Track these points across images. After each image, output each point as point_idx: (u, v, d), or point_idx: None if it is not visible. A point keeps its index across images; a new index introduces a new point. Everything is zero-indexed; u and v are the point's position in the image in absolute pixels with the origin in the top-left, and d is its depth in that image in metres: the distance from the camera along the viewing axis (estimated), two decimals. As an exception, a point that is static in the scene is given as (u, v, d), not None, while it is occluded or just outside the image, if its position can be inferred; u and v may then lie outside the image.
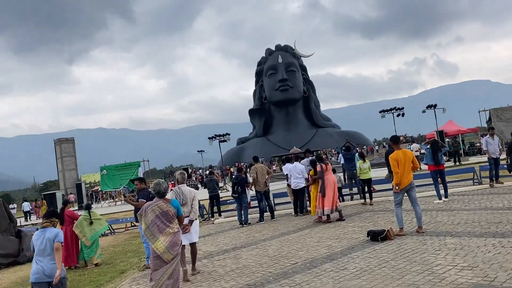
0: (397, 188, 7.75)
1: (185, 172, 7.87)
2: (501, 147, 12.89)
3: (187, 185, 14.26)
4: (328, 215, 10.23)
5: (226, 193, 25.37)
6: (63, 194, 64.55)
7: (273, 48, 71.94)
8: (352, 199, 13.76)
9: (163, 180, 6.00)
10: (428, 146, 11.80)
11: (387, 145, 16.39)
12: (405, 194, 7.90)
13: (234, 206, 13.92)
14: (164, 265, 5.35)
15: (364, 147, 61.78)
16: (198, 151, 60.37)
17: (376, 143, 76.63)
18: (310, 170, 11.25)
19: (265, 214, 12.47)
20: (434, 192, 12.46)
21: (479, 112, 38.68)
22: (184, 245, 6.95)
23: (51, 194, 37.65)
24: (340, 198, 13.80)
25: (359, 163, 12.79)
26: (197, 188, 14.36)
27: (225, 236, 10.52)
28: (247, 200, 12.37)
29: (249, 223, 12.01)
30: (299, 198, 12.28)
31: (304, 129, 68.97)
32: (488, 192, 11.75)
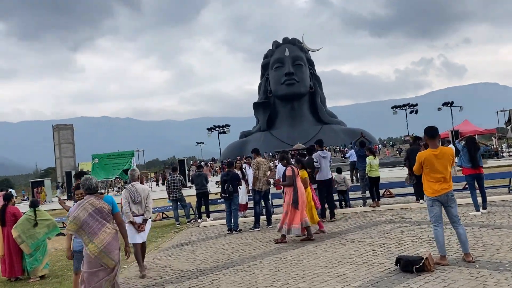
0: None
1: (137, 169, 7.33)
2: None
3: (176, 178, 12.37)
4: (284, 235, 8.01)
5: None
6: (58, 182, 62.72)
7: (281, 41, 69.55)
8: (364, 204, 11.60)
9: (91, 176, 4.84)
10: (464, 144, 9.58)
11: (408, 144, 14.22)
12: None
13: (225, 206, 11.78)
14: (103, 276, 4.51)
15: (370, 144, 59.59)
16: (197, 142, 58.34)
17: (380, 143, 74.15)
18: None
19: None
20: (465, 200, 10.41)
21: (497, 112, 36.40)
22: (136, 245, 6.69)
23: (39, 181, 35.59)
24: (345, 203, 11.74)
25: (369, 159, 11.14)
26: (183, 185, 12.50)
27: (207, 247, 8.36)
28: (238, 201, 10.22)
29: (240, 230, 9.87)
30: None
31: (309, 125, 66.75)
32: (535, 204, 9.54)
